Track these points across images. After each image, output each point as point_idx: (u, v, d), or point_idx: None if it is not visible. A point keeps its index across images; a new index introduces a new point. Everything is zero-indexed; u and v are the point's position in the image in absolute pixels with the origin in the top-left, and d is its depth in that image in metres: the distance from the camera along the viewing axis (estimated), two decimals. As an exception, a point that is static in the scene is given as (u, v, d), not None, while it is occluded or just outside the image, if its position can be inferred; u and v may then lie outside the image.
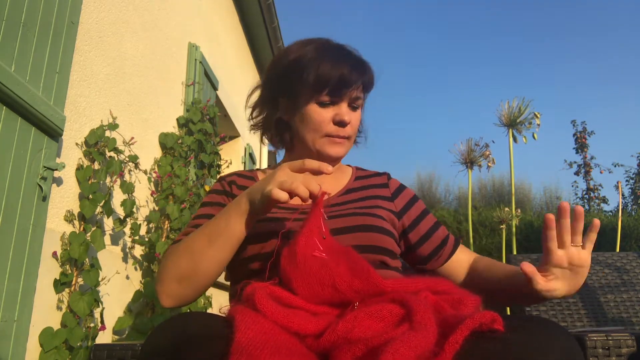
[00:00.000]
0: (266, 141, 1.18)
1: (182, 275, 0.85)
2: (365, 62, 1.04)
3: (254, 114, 1.14)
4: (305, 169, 0.80)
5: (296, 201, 0.82)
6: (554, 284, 0.80)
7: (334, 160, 1.04)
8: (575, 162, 12.50)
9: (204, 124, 3.16)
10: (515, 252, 2.90)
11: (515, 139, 2.85)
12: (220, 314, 0.74)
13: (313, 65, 0.98)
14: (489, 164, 2.98)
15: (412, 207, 1.09)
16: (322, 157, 1.02)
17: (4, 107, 1.54)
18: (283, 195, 0.76)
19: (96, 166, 2.10)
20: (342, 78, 0.97)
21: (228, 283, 1.03)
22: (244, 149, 5.24)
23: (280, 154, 1.21)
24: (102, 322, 1.98)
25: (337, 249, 0.76)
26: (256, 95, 1.15)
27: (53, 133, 1.79)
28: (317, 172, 0.80)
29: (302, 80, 0.99)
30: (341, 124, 0.99)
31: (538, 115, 2.82)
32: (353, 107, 1.02)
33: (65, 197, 1.94)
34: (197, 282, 0.86)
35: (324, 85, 0.98)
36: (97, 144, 2.10)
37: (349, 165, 1.17)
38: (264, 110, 1.12)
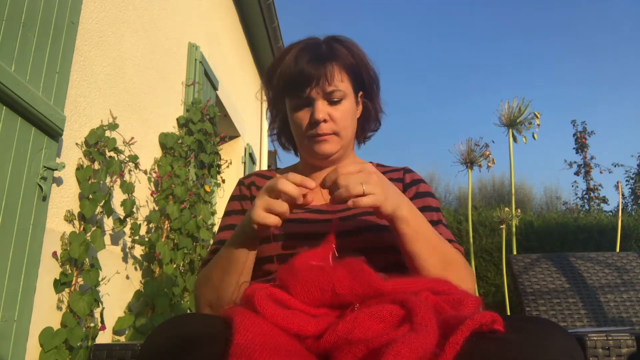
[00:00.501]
0: (272, 143, 1.19)
1: (210, 303, 0.92)
2: (333, 51, 0.99)
3: (272, 126, 1.15)
4: (279, 191, 0.78)
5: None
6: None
7: (326, 158, 1.03)
8: (575, 162, 12.50)
9: (204, 124, 3.16)
10: (515, 252, 2.90)
11: (515, 139, 2.86)
12: (219, 315, 0.74)
13: (278, 67, 1.00)
14: (489, 164, 2.98)
15: (415, 200, 1.04)
16: (314, 157, 1.03)
17: (4, 107, 1.54)
18: (271, 220, 0.77)
19: (96, 166, 2.10)
20: (301, 74, 0.95)
21: None
22: (244, 149, 5.24)
23: (281, 154, 1.22)
24: (102, 322, 1.98)
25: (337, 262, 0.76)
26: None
27: (53, 133, 1.78)
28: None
29: (274, 86, 1.02)
30: (315, 123, 0.97)
31: (538, 115, 2.83)
32: (333, 102, 0.98)
33: (65, 197, 1.94)
34: (225, 304, 0.89)
35: (286, 86, 0.98)
36: (97, 144, 2.10)
37: (371, 162, 1.15)
38: (273, 119, 1.14)
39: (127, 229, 2.37)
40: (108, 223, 2.23)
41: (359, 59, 1.02)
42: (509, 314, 3.06)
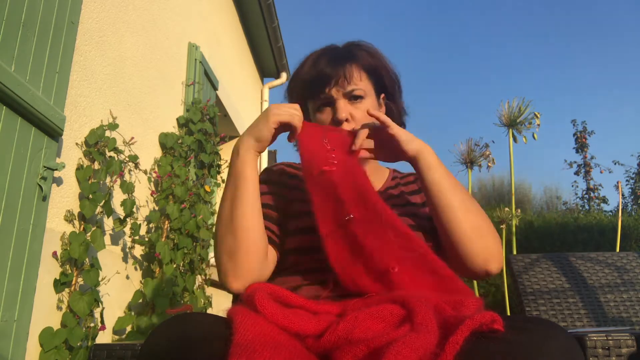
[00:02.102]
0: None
1: (230, 250, 0.86)
2: (351, 52, 1.01)
3: None
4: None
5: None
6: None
7: None
8: (575, 162, 12.51)
9: (204, 124, 3.16)
10: (515, 252, 2.90)
11: (515, 139, 2.85)
12: (219, 315, 0.74)
13: (298, 75, 1.03)
14: (489, 164, 2.97)
15: None
16: None
17: (4, 107, 1.54)
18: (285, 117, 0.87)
19: (96, 166, 2.10)
20: (320, 75, 0.97)
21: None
22: (244, 148, 5.23)
23: (280, 154, 1.21)
24: (102, 322, 1.98)
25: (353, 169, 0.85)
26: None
27: (53, 133, 1.78)
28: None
29: (296, 93, 1.04)
30: (337, 123, 0.98)
31: (538, 115, 2.82)
32: (354, 99, 0.99)
33: (65, 197, 1.94)
34: (243, 247, 0.86)
35: (305, 88, 1.00)
36: (97, 144, 2.10)
37: (387, 168, 1.16)
38: None
39: (127, 229, 2.37)
40: (108, 223, 2.23)
41: (377, 60, 1.03)
42: (509, 314, 3.06)
